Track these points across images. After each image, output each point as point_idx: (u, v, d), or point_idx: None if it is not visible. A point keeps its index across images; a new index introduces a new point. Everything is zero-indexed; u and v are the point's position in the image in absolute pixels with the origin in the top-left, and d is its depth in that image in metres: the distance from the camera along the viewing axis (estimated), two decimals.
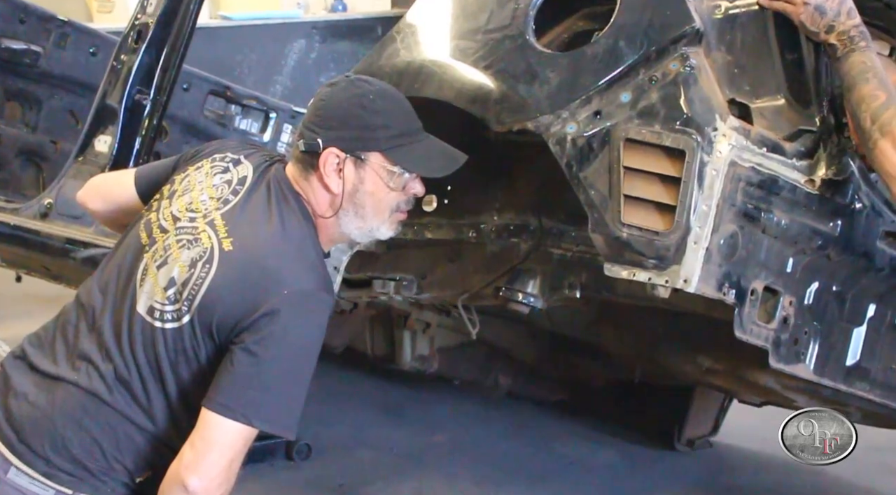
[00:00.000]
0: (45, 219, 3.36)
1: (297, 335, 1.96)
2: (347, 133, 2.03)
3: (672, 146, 2.06)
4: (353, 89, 2.06)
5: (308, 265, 2.02)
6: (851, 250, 2.43)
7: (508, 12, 2.33)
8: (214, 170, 2.15)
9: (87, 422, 2.02)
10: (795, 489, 3.68)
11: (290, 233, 2.04)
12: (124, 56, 3.26)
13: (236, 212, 2.05)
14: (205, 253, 2.00)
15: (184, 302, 1.98)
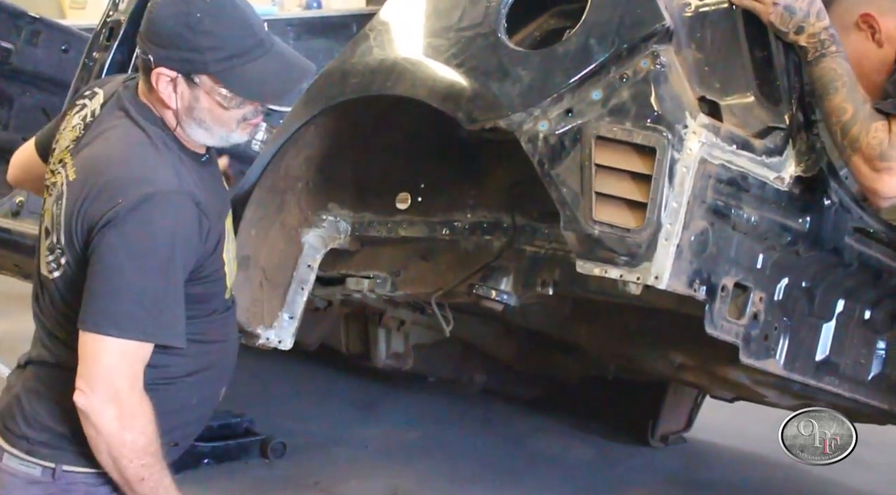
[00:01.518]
0: (17, 217, 3.36)
1: (137, 238, 1.91)
2: (175, 53, 1.98)
3: (643, 144, 2.07)
4: (179, 5, 1.97)
5: (145, 169, 1.96)
6: (821, 246, 2.44)
7: (481, 10, 2.33)
8: (75, 110, 2.14)
9: (43, 390, 2.06)
10: (768, 483, 3.70)
11: (124, 143, 2.00)
12: (96, 53, 3.25)
13: (83, 144, 2.04)
14: (58, 192, 2.00)
15: (56, 246, 1.99)
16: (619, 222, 2.09)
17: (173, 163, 2.01)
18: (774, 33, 2.32)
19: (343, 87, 2.49)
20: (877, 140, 2.22)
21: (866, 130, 2.24)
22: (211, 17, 1.97)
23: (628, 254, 2.10)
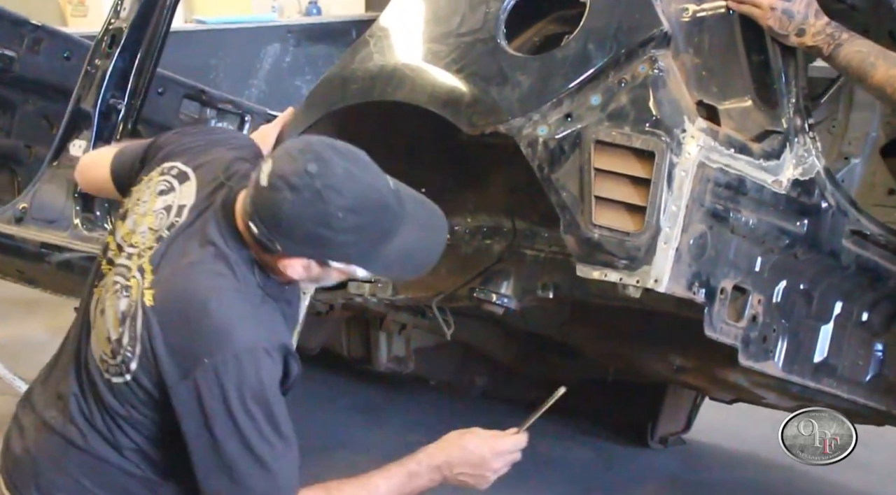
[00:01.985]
0: (20, 223, 3.35)
1: (231, 405, 1.79)
2: (314, 250, 1.83)
3: (642, 148, 2.07)
4: (319, 205, 1.75)
5: (236, 317, 1.81)
6: (818, 249, 2.45)
7: (480, 16, 2.33)
8: (160, 187, 1.98)
9: (68, 466, 1.96)
10: (768, 485, 3.70)
11: (211, 290, 1.82)
12: (98, 60, 3.25)
13: (165, 255, 1.88)
14: (131, 306, 1.86)
15: (122, 361, 1.87)
16: (619, 226, 2.09)
17: (263, 312, 1.86)
18: (773, 38, 2.32)
19: (344, 93, 2.49)
20: None
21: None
22: (352, 213, 1.77)
23: (628, 258, 2.10)
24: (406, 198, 1.87)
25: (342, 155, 1.80)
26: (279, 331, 1.89)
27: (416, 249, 1.90)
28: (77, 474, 1.96)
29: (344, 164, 1.78)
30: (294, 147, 1.82)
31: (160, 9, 3.24)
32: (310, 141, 1.85)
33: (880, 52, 2.32)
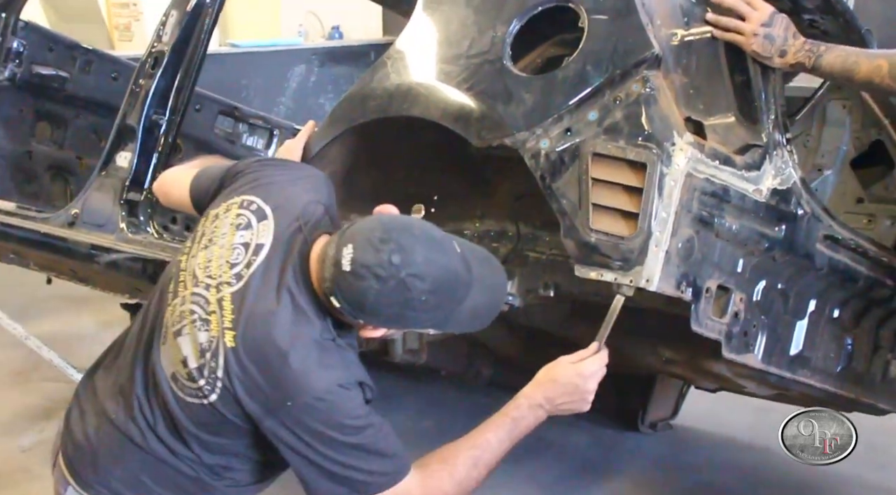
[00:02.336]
0: (72, 227, 3.35)
1: (325, 439, 1.81)
2: (396, 325, 1.87)
3: (635, 159, 2.06)
4: (404, 292, 1.76)
5: (314, 364, 1.81)
6: (794, 252, 2.44)
7: (488, 39, 2.33)
8: (239, 220, 1.94)
9: (126, 459, 1.95)
10: (746, 465, 3.69)
11: (294, 332, 1.82)
12: (142, 80, 3.25)
13: (245, 296, 1.84)
14: (212, 342, 1.83)
15: (202, 387, 1.84)
16: (614, 230, 2.08)
17: (336, 354, 1.86)
18: (758, 61, 2.32)
19: (363, 109, 2.49)
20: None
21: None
22: (433, 295, 1.78)
23: (622, 260, 2.09)
24: (472, 262, 1.86)
25: (419, 240, 1.79)
26: (352, 367, 1.88)
27: (483, 306, 1.92)
28: (134, 468, 1.95)
29: (423, 251, 1.78)
30: (374, 235, 1.77)
31: (198, 34, 3.24)
32: (388, 227, 1.80)
33: (857, 51, 2.34)
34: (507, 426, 1.97)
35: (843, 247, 2.56)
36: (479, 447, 1.95)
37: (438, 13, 2.50)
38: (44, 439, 3.76)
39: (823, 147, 3.33)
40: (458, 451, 1.95)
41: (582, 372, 2.02)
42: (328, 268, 1.79)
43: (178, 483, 1.96)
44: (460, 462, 1.93)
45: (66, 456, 2.02)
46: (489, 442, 1.95)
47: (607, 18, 2.20)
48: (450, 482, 1.91)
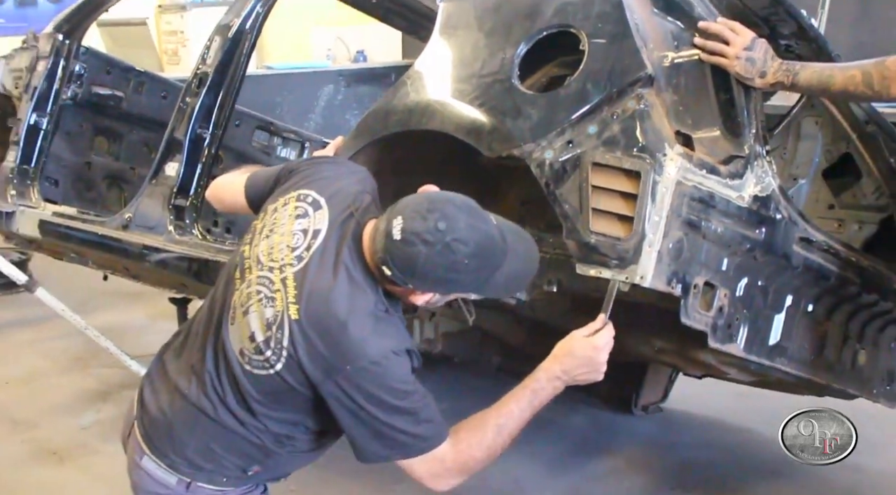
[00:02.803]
0: (126, 229, 3.37)
1: (387, 396, 1.83)
2: (441, 288, 1.86)
3: (630, 168, 2.05)
4: (449, 255, 1.76)
5: (369, 332, 1.82)
6: (773, 252, 2.42)
7: (498, 61, 2.32)
8: (297, 211, 1.95)
9: (198, 431, 1.96)
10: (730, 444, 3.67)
11: (350, 304, 1.83)
12: (189, 98, 3.26)
13: (306, 274, 1.86)
14: (277, 316, 1.85)
15: (268, 358, 1.86)
16: (611, 232, 2.07)
17: (389, 324, 1.87)
18: (741, 82, 2.31)
19: (386, 123, 2.48)
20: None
21: (882, 64, 2.18)
22: (474, 258, 1.78)
23: (618, 259, 2.07)
24: (507, 233, 1.86)
25: (461, 209, 1.81)
26: (402, 336, 1.90)
27: (517, 273, 1.92)
28: (206, 438, 1.96)
29: (465, 218, 1.80)
30: (421, 206, 1.80)
31: (238, 57, 3.25)
32: (433, 199, 1.83)
33: (831, 65, 2.33)
34: (528, 397, 1.97)
35: (816, 249, 2.54)
36: (504, 416, 1.96)
37: (454, 37, 2.49)
38: (101, 419, 3.76)
39: (798, 158, 3.31)
40: (485, 421, 1.96)
41: (596, 346, 2.00)
42: (379, 241, 1.80)
43: (245, 450, 1.97)
44: (488, 430, 1.94)
45: (142, 430, 2.03)
46: (513, 413, 1.96)
47: (605, 42, 2.18)
48: (478, 448, 1.93)
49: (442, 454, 1.90)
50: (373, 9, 3.92)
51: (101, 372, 4.25)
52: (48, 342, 4.65)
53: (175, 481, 1.99)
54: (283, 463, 2.05)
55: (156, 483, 2.01)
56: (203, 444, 1.97)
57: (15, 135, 3.87)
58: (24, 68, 3.95)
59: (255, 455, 1.99)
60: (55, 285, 4.25)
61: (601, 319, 2.04)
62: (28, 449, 3.56)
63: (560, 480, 3.34)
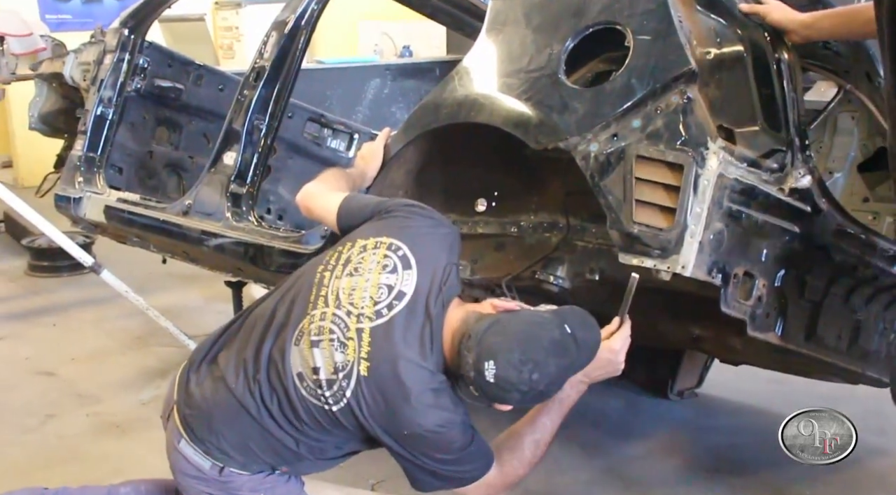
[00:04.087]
0: (186, 215, 3.39)
1: (432, 457, 1.90)
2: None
3: (673, 161, 2.03)
4: (540, 397, 1.89)
5: (428, 405, 1.85)
6: (811, 243, 2.39)
7: (545, 56, 2.31)
8: (385, 262, 1.96)
9: (238, 426, 1.98)
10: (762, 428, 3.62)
11: (419, 380, 1.86)
12: (247, 91, 3.28)
13: (383, 335, 1.87)
14: (346, 365, 1.86)
15: (327, 397, 1.88)
16: (654, 223, 2.06)
17: (447, 400, 1.90)
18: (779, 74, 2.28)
19: (436, 116, 2.48)
20: None
21: None
22: (558, 385, 1.89)
23: (660, 249, 2.06)
24: (578, 334, 1.88)
25: (549, 353, 1.83)
26: (458, 411, 1.91)
27: (586, 363, 1.95)
28: (244, 435, 1.98)
29: (554, 362, 1.83)
30: (513, 355, 1.80)
31: (293, 51, 3.25)
32: (524, 347, 1.81)
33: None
34: (556, 408, 2.04)
35: (853, 241, 2.50)
36: (538, 430, 2.02)
37: (502, 34, 2.48)
38: (160, 395, 3.80)
39: (834, 153, 3.27)
40: (522, 438, 2.02)
41: (613, 348, 2.04)
42: (469, 371, 1.82)
43: (279, 451, 1.99)
44: (526, 448, 2.02)
45: (181, 414, 2.04)
46: (545, 426, 2.03)
47: (650, 38, 2.16)
48: (521, 466, 2.01)
49: (492, 478, 1.97)
50: (420, 5, 3.91)
51: (160, 350, 4.31)
52: (111, 321, 4.72)
53: (209, 466, 2.01)
54: (311, 466, 2.09)
55: (191, 466, 2.03)
56: (240, 439, 1.98)
57: (83, 125, 3.92)
58: (92, 61, 4.00)
59: (287, 457, 2.01)
60: (117, 267, 4.30)
61: (617, 321, 2.06)
62: (92, 422, 3.62)
63: (597, 461, 3.33)
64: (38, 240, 5.44)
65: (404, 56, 8.66)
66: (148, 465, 3.22)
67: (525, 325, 1.87)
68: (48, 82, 4.37)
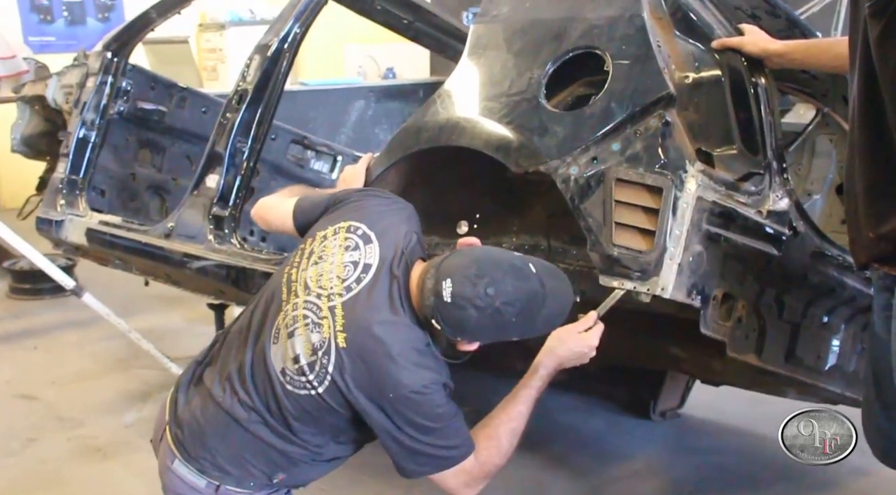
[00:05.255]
0: (168, 238, 3.39)
1: (416, 425, 1.87)
2: (488, 340, 1.93)
3: (652, 184, 2.04)
4: (498, 317, 1.83)
5: (412, 364, 1.85)
6: (789, 265, 2.41)
7: (525, 80, 2.32)
8: (347, 243, 1.98)
9: (230, 438, 1.97)
10: (745, 448, 3.64)
11: (395, 337, 1.86)
12: (229, 114, 3.28)
13: (355, 305, 1.88)
14: (324, 342, 1.87)
15: (311, 381, 1.88)
16: (634, 245, 2.06)
17: (429, 359, 1.90)
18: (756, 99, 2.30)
19: (417, 139, 2.49)
20: None
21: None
22: (521, 315, 1.86)
23: (640, 271, 2.07)
24: (545, 278, 1.90)
25: (507, 272, 1.85)
26: (441, 369, 1.92)
27: (555, 313, 1.95)
28: (237, 446, 1.97)
29: (511, 281, 1.84)
30: (470, 271, 1.84)
31: (276, 74, 3.26)
32: (480, 264, 1.86)
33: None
34: (532, 396, 2.04)
35: (830, 262, 2.52)
36: (514, 419, 2.01)
37: (483, 58, 2.49)
38: (143, 417, 3.79)
39: (813, 175, 3.29)
40: (498, 427, 2.01)
41: (588, 343, 2.06)
42: (429, 297, 1.85)
43: (273, 458, 1.98)
44: (503, 437, 2.00)
45: (172, 435, 2.04)
46: (521, 413, 2.02)
47: (629, 63, 2.18)
48: (497, 455, 1.98)
49: (469, 466, 1.95)
50: (404, 29, 3.94)
51: (142, 373, 4.28)
52: (93, 344, 4.69)
53: (204, 484, 2.00)
54: (307, 471, 2.06)
55: (186, 486, 2.01)
56: (233, 451, 1.98)
57: (65, 148, 3.92)
58: (75, 84, 4.00)
59: (282, 463, 2.00)
60: (99, 290, 4.28)
61: (593, 317, 2.08)
62: (74, 446, 3.59)
63: (580, 483, 3.33)
64: (20, 262, 5.41)
65: (388, 78, 8.69)
66: (130, 489, 3.20)
67: (485, 251, 1.94)
68: (31, 105, 4.37)
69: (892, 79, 1.80)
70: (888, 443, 2.13)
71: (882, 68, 1.82)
